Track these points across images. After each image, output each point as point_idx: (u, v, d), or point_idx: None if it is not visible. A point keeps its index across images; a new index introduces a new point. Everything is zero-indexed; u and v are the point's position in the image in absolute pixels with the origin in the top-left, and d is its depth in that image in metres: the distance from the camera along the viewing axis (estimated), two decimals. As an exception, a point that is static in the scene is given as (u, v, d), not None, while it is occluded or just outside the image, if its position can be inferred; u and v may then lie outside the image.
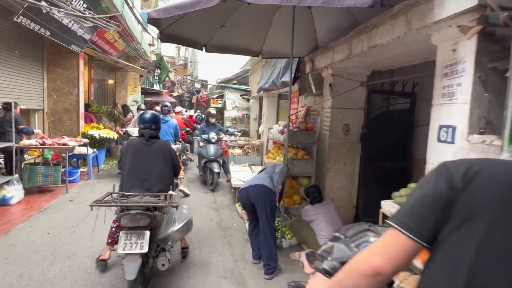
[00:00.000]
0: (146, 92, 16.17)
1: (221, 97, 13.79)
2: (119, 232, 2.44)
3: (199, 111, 16.84)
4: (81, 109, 7.41)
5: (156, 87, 18.62)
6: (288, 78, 5.29)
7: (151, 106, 13.97)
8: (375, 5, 1.92)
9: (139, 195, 2.60)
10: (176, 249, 3.39)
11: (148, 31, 11.64)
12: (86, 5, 5.58)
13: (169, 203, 2.49)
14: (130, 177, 2.78)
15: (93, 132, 7.02)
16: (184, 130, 8.09)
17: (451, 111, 2.17)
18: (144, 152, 2.86)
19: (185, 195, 5.52)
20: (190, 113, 12.23)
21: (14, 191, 4.58)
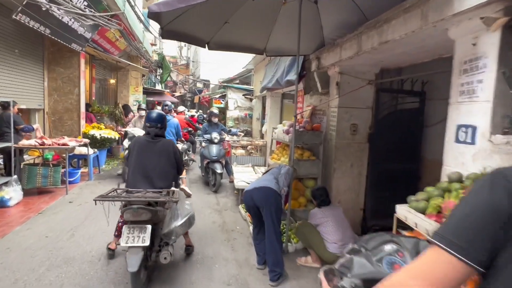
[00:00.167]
0: (148, 92, 16.09)
1: (224, 97, 13.68)
2: None
3: (201, 111, 16.73)
4: (82, 109, 7.32)
5: (158, 87, 18.52)
6: (293, 77, 5.16)
7: (153, 106, 13.86)
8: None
9: (143, 191, 2.69)
10: (180, 250, 3.28)
11: (150, 31, 11.55)
12: (87, 3, 5.47)
13: (169, 198, 2.56)
14: (136, 173, 2.86)
15: (94, 132, 6.93)
16: (186, 130, 7.98)
17: (471, 110, 2.03)
18: (149, 150, 2.95)
19: (187, 195, 5.39)
20: (192, 113, 12.09)
21: (13, 193, 4.47)
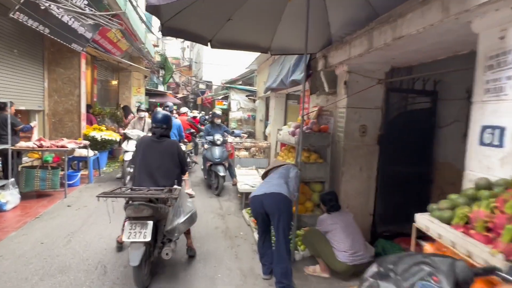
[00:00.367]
0: (151, 93, 15.99)
1: (226, 98, 13.54)
2: None
3: (203, 112, 16.60)
4: (83, 110, 7.20)
5: (161, 88, 18.41)
6: (298, 76, 5.00)
7: (155, 108, 13.75)
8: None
9: (146, 189, 2.76)
10: (181, 259, 3.12)
11: (153, 32, 11.46)
12: (87, 2, 5.35)
13: (169, 195, 2.61)
14: (141, 172, 2.95)
15: (95, 134, 6.80)
16: (189, 131, 7.84)
17: (499, 110, 1.85)
18: (154, 149, 3.03)
19: (190, 196, 5.25)
20: (194, 114, 11.94)
21: (9, 196, 4.33)
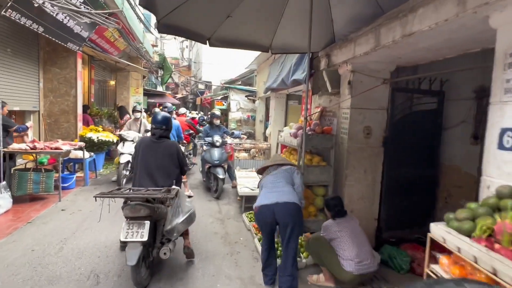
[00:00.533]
0: (149, 94, 15.84)
1: (226, 98, 13.40)
2: None
3: (202, 113, 16.44)
4: (79, 111, 7.04)
5: (160, 89, 18.26)
6: (300, 76, 4.86)
7: (153, 108, 13.60)
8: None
9: (144, 189, 2.75)
10: (178, 268, 2.97)
11: (151, 31, 11.30)
12: (83, 0, 5.20)
13: (166, 195, 2.58)
14: (141, 172, 2.96)
15: (91, 135, 6.64)
16: (187, 132, 7.68)
17: (521, 111, 1.72)
18: (154, 150, 3.04)
19: (188, 197, 5.11)
20: (193, 115, 11.78)
21: (1, 200, 4.17)
